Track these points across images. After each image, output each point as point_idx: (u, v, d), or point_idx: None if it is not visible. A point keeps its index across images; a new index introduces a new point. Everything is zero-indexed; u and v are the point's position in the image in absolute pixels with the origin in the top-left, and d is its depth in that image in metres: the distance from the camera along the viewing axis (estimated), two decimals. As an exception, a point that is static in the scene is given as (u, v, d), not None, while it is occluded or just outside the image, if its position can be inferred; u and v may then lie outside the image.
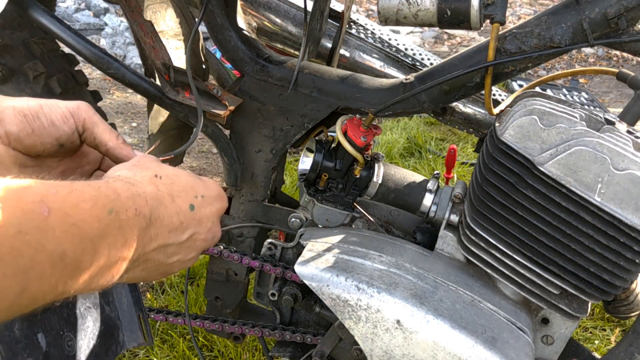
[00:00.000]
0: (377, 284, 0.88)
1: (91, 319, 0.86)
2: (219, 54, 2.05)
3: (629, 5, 0.85)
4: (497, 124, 0.93)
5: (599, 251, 0.85)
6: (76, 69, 1.37)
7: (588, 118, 0.88)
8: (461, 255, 0.99)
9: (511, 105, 0.96)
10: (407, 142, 2.99)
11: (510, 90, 3.40)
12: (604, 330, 1.85)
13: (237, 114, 1.11)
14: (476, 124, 1.37)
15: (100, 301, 0.89)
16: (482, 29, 0.92)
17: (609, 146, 0.81)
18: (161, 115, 1.54)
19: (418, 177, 1.09)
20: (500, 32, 0.92)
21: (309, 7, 1.14)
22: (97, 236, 0.47)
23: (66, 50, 1.23)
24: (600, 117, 0.90)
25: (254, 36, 1.43)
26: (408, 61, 1.45)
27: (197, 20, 1.07)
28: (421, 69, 1.31)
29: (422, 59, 1.45)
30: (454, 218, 1.01)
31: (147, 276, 0.59)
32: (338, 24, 1.35)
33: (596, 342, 1.79)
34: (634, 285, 1.26)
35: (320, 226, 1.10)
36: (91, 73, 3.55)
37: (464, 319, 0.87)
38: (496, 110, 0.97)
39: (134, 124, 3.23)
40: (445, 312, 0.87)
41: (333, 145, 1.10)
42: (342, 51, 1.44)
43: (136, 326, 0.93)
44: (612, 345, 1.15)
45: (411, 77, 1.03)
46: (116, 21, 4.35)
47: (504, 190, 0.88)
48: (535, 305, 0.95)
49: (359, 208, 1.08)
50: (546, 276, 0.90)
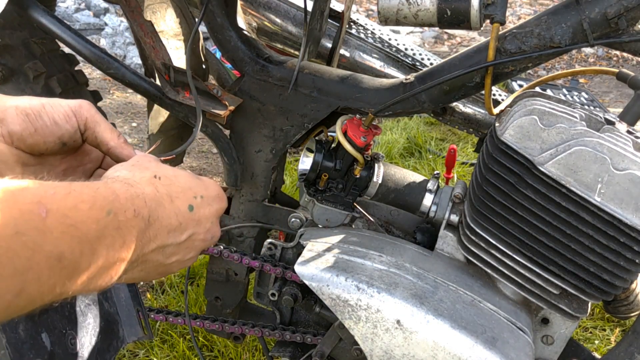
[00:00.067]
0: (377, 284, 0.88)
1: (91, 315, 0.86)
2: (219, 54, 2.04)
3: (629, 5, 0.85)
4: (497, 124, 0.93)
5: (599, 251, 0.85)
6: (76, 69, 1.37)
7: (588, 118, 0.88)
8: (461, 255, 0.99)
9: (511, 105, 0.96)
10: (407, 142, 2.99)
11: (510, 90, 3.40)
12: (604, 330, 1.85)
13: (237, 114, 1.11)
14: (476, 124, 1.37)
15: (99, 297, 0.89)
16: (482, 29, 0.92)
17: (609, 146, 0.81)
18: (161, 115, 1.53)
19: (418, 177, 1.09)
20: (500, 32, 0.92)
21: (309, 7, 1.14)
22: (96, 237, 0.47)
23: (66, 50, 1.23)
24: (600, 117, 0.89)
25: (254, 36, 1.43)
26: (408, 61, 1.45)
27: (197, 20, 1.07)
28: (421, 69, 1.31)
29: (422, 59, 1.45)
30: (454, 218, 1.01)
31: (145, 276, 0.59)
32: (338, 24, 1.35)
33: (596, 342, 1.79)
34: (633, 286, 1.25)
35: (320, 226, 1.10)
36: (91, 73, 3.55)
37: (464, 319, 0.87)
38: (496, 110, 0.97)
39: (134, 124, 3.23)
40: (445, 312, 0.87)
41: (333, 145, 1.10)
42: (342, 51, 1.44)
43: (135, 321, 0.94)
44: (612, 345, 1.15)
45: (411, 77, 1.03)
46: (116, 21, 4.35)
47: (504, 190, 0.88)
48: (535, 305, 0.95)
49: (359, 208, 1.08)
50: (546, 276, 0.90)
